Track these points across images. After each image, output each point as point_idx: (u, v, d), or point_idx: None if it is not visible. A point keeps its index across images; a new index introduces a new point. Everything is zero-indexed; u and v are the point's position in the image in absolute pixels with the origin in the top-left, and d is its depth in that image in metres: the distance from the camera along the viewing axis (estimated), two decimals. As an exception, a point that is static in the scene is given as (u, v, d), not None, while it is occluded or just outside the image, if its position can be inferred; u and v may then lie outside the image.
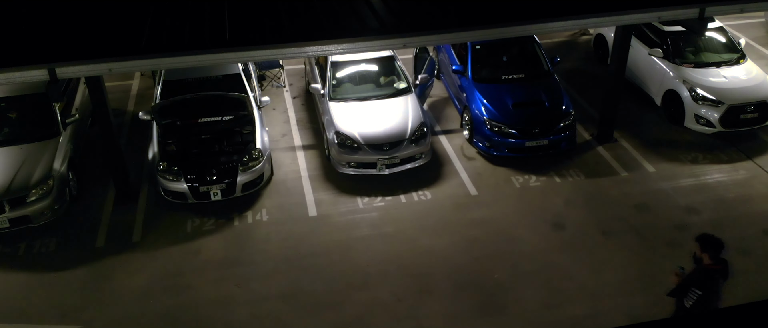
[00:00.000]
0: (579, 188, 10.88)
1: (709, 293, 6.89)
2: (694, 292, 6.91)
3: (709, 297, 6.90)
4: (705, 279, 6.90)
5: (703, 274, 6.93)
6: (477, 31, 9.57)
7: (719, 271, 6.98)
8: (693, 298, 6.90)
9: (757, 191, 10.72)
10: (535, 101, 11.71)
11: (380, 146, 10.88)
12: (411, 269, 9.31)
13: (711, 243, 6.97)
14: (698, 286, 6.89)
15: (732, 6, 9.49)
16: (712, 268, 6.94)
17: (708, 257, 6.95)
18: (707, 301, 6.90)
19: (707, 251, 6.96)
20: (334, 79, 11.83)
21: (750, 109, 11.74)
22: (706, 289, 6.88)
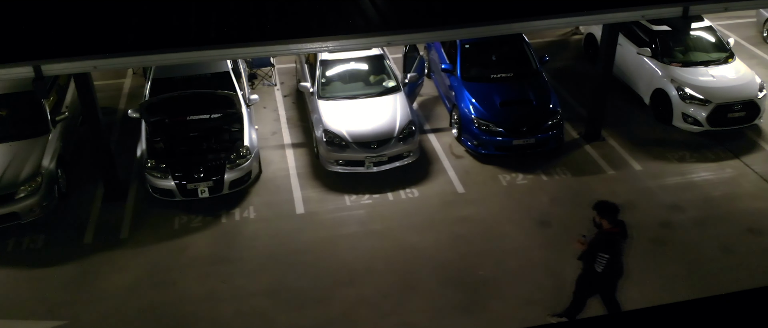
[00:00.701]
0: (565, 186, 10.94)
1: (615, 254, 7.47)
2: (602, 256, 7.45)
3: (615, 259, 7.49)
4: (609, 243, 7.44)
5: (606, 238, 7.47)
6: (461, 30, 9.68)
7: (619, 233, 7.53)
8: (602, 262, 7.43)
9: (744, 190, 10.77)
10: (522, 100, 11.77)
11: (368, 144, 10.94)
12: (396, 266, 9.36)
13: (607, 209, 7.49)
14: (604, 250, 7.42)
15: (715, 5, 9.55)
16: (613, 231, 7.47)
17: (607, 222, 7.47)
18: (614, 262, 7.49)
19: (605, 216, 7.47)
20: (323, 78, 11.89)
21: (737, 108, 11.80)
22: (612, 251, 7.43)
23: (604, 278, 7.65)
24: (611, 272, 7.56)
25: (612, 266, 7.48)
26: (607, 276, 7.61)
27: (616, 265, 7.56)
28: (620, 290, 8.09)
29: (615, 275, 7.72)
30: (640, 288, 8.81)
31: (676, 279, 9.02)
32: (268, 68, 14.32)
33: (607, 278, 7.66)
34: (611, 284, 7.87)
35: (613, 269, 7.54)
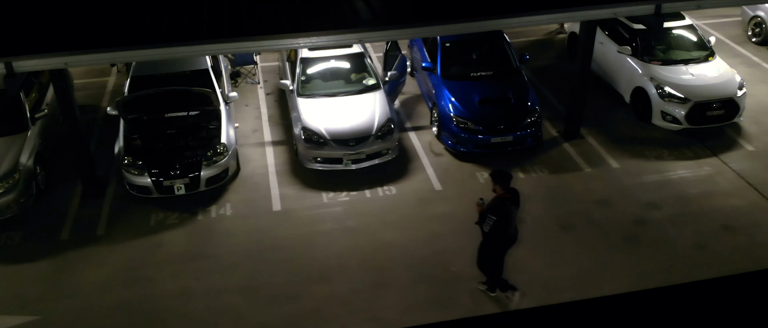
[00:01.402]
0: (542, 184, 10.96)
1: (503, 218, 8.01)
2: (491, 218, 8.01)
3: (503, 222, 8.03)
4: (498, 207, 8.01)
5: (497, 202, 8.05)
6: (439, 27, 9.71)
7: (510, 199, 8.10)
8: (489, 223, 8.02)
9: (720, 187, 10.79)
10: (501, 98, 11.79)
11: (346, 142, 10.96)
12: (370, 263, 9.39)
13: (501, 176, 8.09)
14: (493, 213, 8.00)
15: (688, 2, 9.57)
16: (504, 197, 8.05)
17: (500, 188, 8.06)
18: (502, 225, 8.04)
19: (499, 183, 8.07)
20: (303, 76, 11.92)
21: (716, 107, 11.82)
22: (500, 215, 7.98)
23: (491, 239, 8.22)
24: (499, 234, 8.11)
25: (500, 228, 8.03)
26: (494, 237, 8.17)
27: (505, 229, 8.11)
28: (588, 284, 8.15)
29: (504, 238, 8.26)
30: (612, 284, 8.85)
31: (649, 276, 9.03)
32: (252, 66, 14.36)
33: (495, 239, 8.20)
34: (501, 246, 8.41)
35: (501, 232, 8.11)
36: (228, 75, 13.06)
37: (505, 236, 8.21)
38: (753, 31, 15.82)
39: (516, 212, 8.20)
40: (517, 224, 8.37)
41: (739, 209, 10.25)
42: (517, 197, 8.17)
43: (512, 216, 8.13)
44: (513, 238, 8.37)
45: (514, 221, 8.24)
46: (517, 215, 8.28)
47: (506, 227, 8.10)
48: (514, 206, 8.12)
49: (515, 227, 8.34)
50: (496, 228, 7.99)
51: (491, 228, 8.00)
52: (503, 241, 8.31)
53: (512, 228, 8.25)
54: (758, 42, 15.66)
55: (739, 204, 10.37)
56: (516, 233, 8.39)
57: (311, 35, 9.31)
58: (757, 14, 15.68)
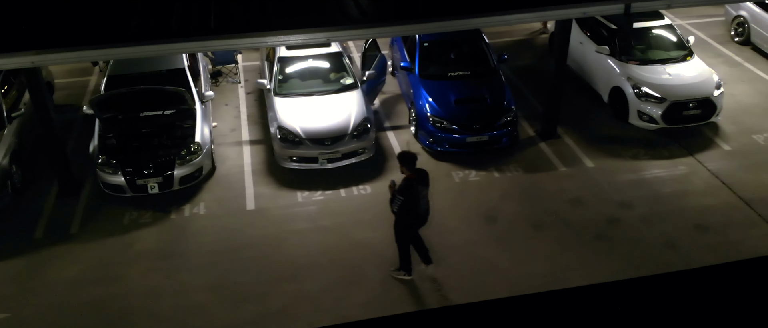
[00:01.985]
0: (516, 183, 10.98)
1: (411, 198, 8.36)
2: (398, 198, 8.35)
3: (411, 202, 8.38)
4: (405, 187, 8.37)
5: (404, 183, 8.40)
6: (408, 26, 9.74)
7: (417, 179, 8.44)
8: (396, 203, 8.35)
9: (694, 187, 10.80)
10: (477, 98, 11.80)
11: (322, 141, 10.98)
12: (341, 262, 9.40)
13: (406, 158, 8.45)
14: (401, 193, 8.36)
15: (658, 2, 9.58)
16: (411, 178, 8.40)
17: (407, 170, 8.40)
18: (410, 206, 8.38)
19: (404, 165, 8.42)
20: (280, 75, 11.94)
21: (693, 106, 11.83)
22: (407, 195, 8.33)
23: (401, 218, 8.55)
24: (407, 213, 8.46)
25: (408, 208, 8.40)
26: (403, 216, 8.51)
27: (413, 208, 8.46)
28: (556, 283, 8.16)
29: (413, 217, 8.57)
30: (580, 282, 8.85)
31: (618, 274, 9.04)
32: (233, 65, 14.38)
33: (404, 218, 8.54)
34: (411, 225, 8.71)
35: (409, 212, 8.46)
36: (207, 74, 13.07)
37: (415, 215, 8.55)
38: (736, 31, 15.82)
39: (425, 191, 8.57)
40: (428, 204, 8.70)
41: (712, 209, 10.26)
42: (424, 177, 8.57)
43: (420, 196, 8.47)
44: (423, 217, 8.69)
45: (423, 200, 8.57)
46: (427, 194, 8.64)
47: (415, 206, 8.46)
48: (421, 186, 8.50)
49: (426, 206, 8.67)
50: (404, 208, 8.36)
51: (399, 208, 8.37)
52: (413, 220, 8.62)
53: (422, 207, 8.58)
54: (741, 42, 15.66)
55: (713, 203, 10.38)
56: (426, 213, 8.71)
57: (291, 33, 9.28)
58: (739, 14, 15.69)
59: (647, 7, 9.84)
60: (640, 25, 12.86)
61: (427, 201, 8.62)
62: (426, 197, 8.58)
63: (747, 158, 11.45)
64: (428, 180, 8.60)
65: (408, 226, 8.67)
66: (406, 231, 8.72)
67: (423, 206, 8.58)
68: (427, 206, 8.66)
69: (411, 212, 8.45)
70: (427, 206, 8.66)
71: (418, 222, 8.71)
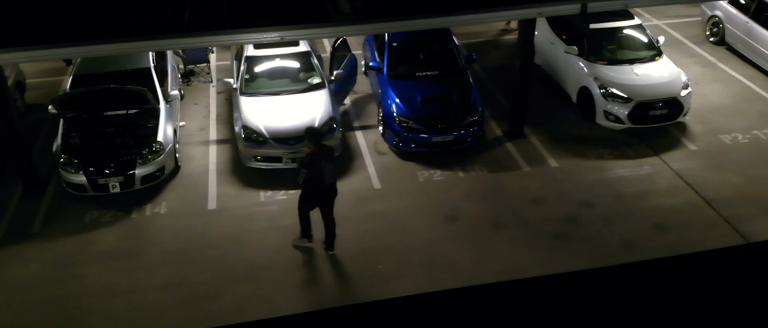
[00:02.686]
0: (480, 182, 10.99)
1: (314, 171, 8.93)
2: (302, 171, 8.97)
3: (314, 175, 8.94)
4: (309, 161, 8.96)
5: (308, 157, 9.05)
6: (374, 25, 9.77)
7: (320, 154, 9.00)
8: (301, 176, 8.97)
9: (657, 186, 10.81)
10: (443, 98, 11.82)
11: (286, 140, 10.99)
12: (299, 261, 9.42)
13: (311, 134, 9.13)
14: (305, 167, 8.98)
15: (615, 2, 9.59)
16: (315, 152, 9.00)
17: (312, 145, 9.02)
18: (312, 178, 8.95)
19: (311, 140, 9.05)
20: (247, 74, 11.95)
21: (659, 106, 11.84)
22: (310, 168, 8.92)
23: (305, 190, 9.19)
24: (311, 186, 9.05)
25: (311, 181, 8.98)
26: (306, 188, 9.14)
27: (316, 180, 9.00)
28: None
29: (315, 189, 9.10)
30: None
31: (574, 274, 9.06)
32: (204, 64, 14.39)
33: (307, 190, 9.16)
34: (313, 197, 9.23)
35: (313, 185, 9.03)
36: (176, 74, 13.06)
37: (317, 187, 9.09)
38: (711, 31, 15.83)
39: (329, 166, 9.11)
40: (334, 179, 9.24)
41: (672, 209, 10.27)
42: (329, 153, 9.23)
43: (324, 170, 9.01)
44: (328, 190, 9.20)
45: (328, 174, 9.07)
46: (332, 169, 9.18)
47: (318, 180, 9.01)
48: (325, 161, 9.05)
49: (331, 181, 9.19)
50: (308, 180, 8.98)
51: (303, 180, 8.99)
52: (315, 192, 9.17)
53: (326, 181, 9.08)
54: (715, 42, 15.67)
55: (674, 203, 10.39)
56: (332, 187, 9.22)
57: (261, 31, 9.32)
58: (714, 14, 15.70)
59: (604, 7, 9.85)
60: (607, 25, 12.88)
61: (332, 176, 9.17)
62: (331, 172, 9.14)
63: (712, 158, 11.46)
64: (332, 156, 9.32)
65: (310, 196, 9.26)
66: (306, 201, 9.29)
67: (327, 180, 9.10)
68: (332, 180, 9.19)
69: (313, 184, 9.04)
70: (332, 180, 9.19)
71: (321, 195, 9.22)
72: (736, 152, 11.63)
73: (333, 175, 9.16)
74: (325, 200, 9.27)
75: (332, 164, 9.18)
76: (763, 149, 11.71)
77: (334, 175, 9.23)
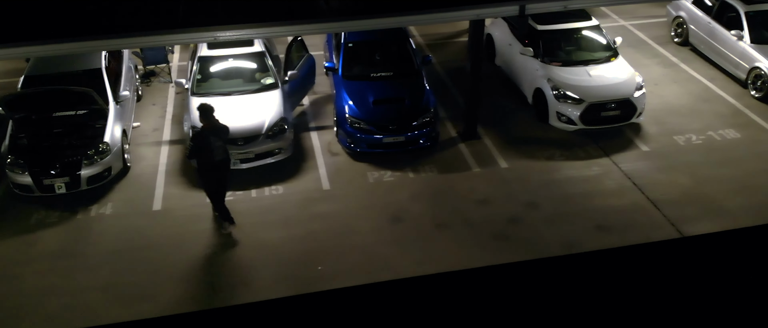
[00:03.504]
0: (429, 183, 10.99)
1: (201, 144, 9.46)
2: (190, 144, 9.82)
3: (202, 150, 9.46)
4: (197, 135, 9.62)
5: (197, 132, 9.73)
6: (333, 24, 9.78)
7: (209, 130, 9.48)
8: (188, 148, 9.89)
9: (605, 187, 10.81)
10: (395, 98, 11.81)
11: (235, 141, 10.96)
12: (237, 262, 9.41)
13: (202, 110, 9.58)
14: (192, 140, 9.75)
15: (554, 3, 9.58)
16: (204, 127, 9.50)
17: (204, 121, 9.52)
18: (200, 152, 9.49)
19: (201, 116, 9.56)
20: (199, 74, 11.94)
21: (611, 107, 11.85)
22: (197, 141, 9.53)
23: (199, 166, 9.75)
24: (201, 161, 9.59)
25: (198, 154, 9.56)
26: (198, 163, 9.72)
27: (205, 156, 9.51)
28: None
29: (205, 164, 9.57)
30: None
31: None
32: (164, 65, 14.37)
33: (199, 165, 9.71)
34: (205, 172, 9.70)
35: (203, 159, 9.55)
36: (131, 74, 13.01)
37: (207, 162, 9.53)
38: (675, 32, 15.85)
39: (218, 143, 9.52)
40: (225, 156, 9.67)
41: (617, 210, 10.28)
42: (220, 131, 9.57)
43: (213, 146, 9.45)
44: (218, 167, 9.59)
45: (217, 151, 9.52)
46: (222, 146, 9.60)
47: (208, 154, 9.47)
48: (213, 136, 9.46)
49: (222, 157, 9.61)
50: (195, 153, 9.60)
51: (191, 152, 9.72)
52: (206, 167, 9.60)
53: (216, 157, 9.52)
54: (680, 42, 15.69)
55: (619, 204, 10.39)
56: (222, 164, 9.64)
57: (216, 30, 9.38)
58: (679, 14, 15.72)
59: (542, 8, 9.84)
60: (562, 26, 12.88)
61: (222, 153, 9.59)
62: (221, 148, 9.56)
63: (663, 159, 11.47)
64: (224, 134, 9.62)
65: (203, 174, 9.76)
66: (203, 181, 9.86)
67: (217, 156, 9.53)
68: (223, 157, 9.62)
69: (203, 159, 9.52)
70: (223, 157, 9.62)
71: (213, 171, 9.63)
72: (688, 153, 11.63)
73: (223, 151, 9.59)
74: (218, 176, 9.71)
75: (222, 142, 9.56)
76: (715, 150, 11.72)
77: (224, 152, 9.64)
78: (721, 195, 10.56)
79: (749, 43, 13.58)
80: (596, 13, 17.42)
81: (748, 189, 10.67)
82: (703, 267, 5.09)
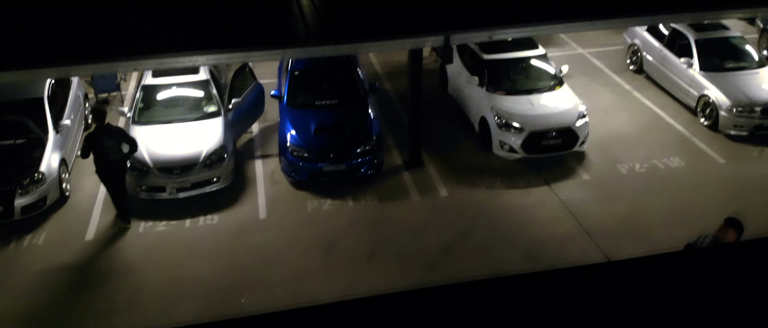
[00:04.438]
0: (367, 212, 10.95)
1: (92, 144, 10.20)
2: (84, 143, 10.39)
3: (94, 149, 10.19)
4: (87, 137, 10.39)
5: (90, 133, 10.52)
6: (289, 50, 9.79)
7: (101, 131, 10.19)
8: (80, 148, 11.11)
9: (540, 217, 10.77)
10: (337, 126, 11.82)
11: (171, 170, 10.96)
12: (161, 294, 9.32)
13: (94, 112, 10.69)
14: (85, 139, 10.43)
15: (479, 33, 9.64)
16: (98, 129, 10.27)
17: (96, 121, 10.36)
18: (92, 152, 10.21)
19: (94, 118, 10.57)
20: (142, 102, 11.97)
21: (552, 136, 11.86)
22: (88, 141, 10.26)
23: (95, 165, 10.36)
24: (95, 159, 10.27)
25: (92, 153, 10.23)
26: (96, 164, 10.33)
27: (99, 156, 10.24)
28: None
29: (103, 165, 10.29)
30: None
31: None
32: (115, 93, 14.41)
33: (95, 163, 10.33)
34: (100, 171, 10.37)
35: (96, 158, 10.27)
36: (78, 103, 13.03)
37: (103, 163, 10.25)
38: (631, 59, 15.95)
39: (111, 143, 10.17)
40: (119, 156, 10.30)
41: (549, 239, 10.23)
42: (114, 132, 10.30)
43: (105, 146, 10.14)
44: (113, 166, 10.29)
45: (110, 151, 10.19)
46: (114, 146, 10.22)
47: (101, 155, 10.19)
48: (107, 137, 10.15)
49: (116, 157, 10.25)
50: (87, 152, 10.23)
51: (83, 152, 10.33)
52: (101, 166, 10.30)
53: (110, 157, 10.20)
54: (635, 70, 15.78)
55: (553, 234, 10.34)
56: (117, 163, 10.30)
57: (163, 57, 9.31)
58: (634, 42, 15.83)
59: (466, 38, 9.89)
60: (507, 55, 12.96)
61: (116, 153, 10.23)
62: (114, 148, 10.21)
63: (603, 189, 11.45)
64: (117, 136, 10.29)
65: (99, 172, 10.37)
66: (100, 178, 10.45)
67: (111, 156, 10.21)
68: (117, 157, 10.27)
69: (97, 158, 10.23)
70: (117, 157, 10.27)
71: (108, 170, 10.32)
72: (630, 182, 11.62)
73: (116, 151, 10.25)
74: (112, 175, 10.40)
75: (114, 142, 10.21)
76: (657, 179, 11.71)
77: (118, 152, 10.27)
78: (657, 225, 10.51)
79: (699, 70, 13.66)
80: (555, 42, 17.59)
81: (685, 219, 10.61)
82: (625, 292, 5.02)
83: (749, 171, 11.93)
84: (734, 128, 12.87)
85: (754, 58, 14.01)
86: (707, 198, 11.14)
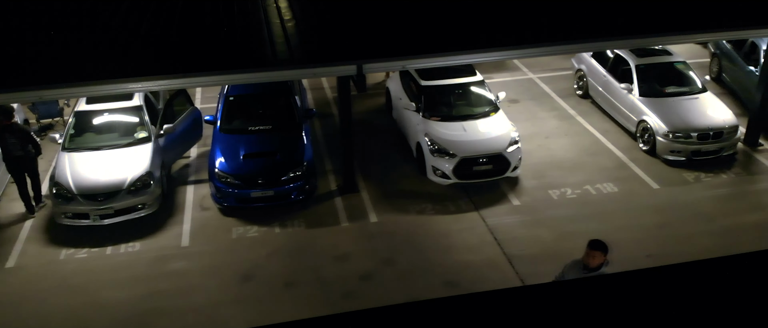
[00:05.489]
0: (293, 239, 10.87)
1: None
2: None
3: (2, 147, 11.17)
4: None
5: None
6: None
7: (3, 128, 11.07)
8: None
9: (464, 242, 10.70)
10: (266, 152, 11.77)
11: (94, 196, 10.87)
12: (74, 323, 9.18)
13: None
14: None
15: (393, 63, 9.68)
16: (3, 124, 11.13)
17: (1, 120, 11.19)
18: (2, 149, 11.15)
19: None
20: (73, 129, 11.90)
21: (483, 162, 11.85)
22: None
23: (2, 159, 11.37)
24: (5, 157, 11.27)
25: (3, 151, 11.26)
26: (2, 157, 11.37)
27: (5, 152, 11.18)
28: None
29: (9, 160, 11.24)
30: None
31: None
32: (58, 118, 14.34)
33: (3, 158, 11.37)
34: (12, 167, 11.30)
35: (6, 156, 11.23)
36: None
37: (7, 156, 11.22)
38: (577, 85, 16.04)
39: (12, 141, 11.07)
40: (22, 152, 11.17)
41: (471, 265, 10.16)
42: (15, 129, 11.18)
43: (8, 142, 11.11)
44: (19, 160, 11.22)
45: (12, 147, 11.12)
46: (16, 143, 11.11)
47: (6, 151, 11.17)
48: (9, 135, 11.07)
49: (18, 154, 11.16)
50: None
51: None
52: (7, 160, 11.26)
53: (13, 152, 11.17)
54: (582, 95, 15.86)
55: (474, 260, 10.28)
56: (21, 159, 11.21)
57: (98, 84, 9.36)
58: (580, 67, 15.93)
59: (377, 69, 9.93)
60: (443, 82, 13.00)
61: (19, 149, 11.13)
62: (16, 145, 11.13)
63: (531, 214, 11.41)
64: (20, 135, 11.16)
65: (6, 166, 11.36)
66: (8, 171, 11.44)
67: (14, 152, 11.17)
68: (20, 154, 11.16)
69: (3, 154, 11.24)
70: (20, 154, 11.16)
71: (15, 164, 11.20)
72: (559, 208, 11.60)
73: (20, 148, 11.14)
74: (22, 168, 11.26)
75: (16, 140, 11.10)
76: (587, 205, 11.69)
77: (22, 149, 11.14)
78: (580, 250, 10.38)
79: (638, 96, 13.74)
80: (506, 66, 17.70)
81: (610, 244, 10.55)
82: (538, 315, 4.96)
83: (682, 197, 11.94)
84: (671, 154, 12.91)
85: (696, 83, 14.10)
86: (636, 223, 11.13)
